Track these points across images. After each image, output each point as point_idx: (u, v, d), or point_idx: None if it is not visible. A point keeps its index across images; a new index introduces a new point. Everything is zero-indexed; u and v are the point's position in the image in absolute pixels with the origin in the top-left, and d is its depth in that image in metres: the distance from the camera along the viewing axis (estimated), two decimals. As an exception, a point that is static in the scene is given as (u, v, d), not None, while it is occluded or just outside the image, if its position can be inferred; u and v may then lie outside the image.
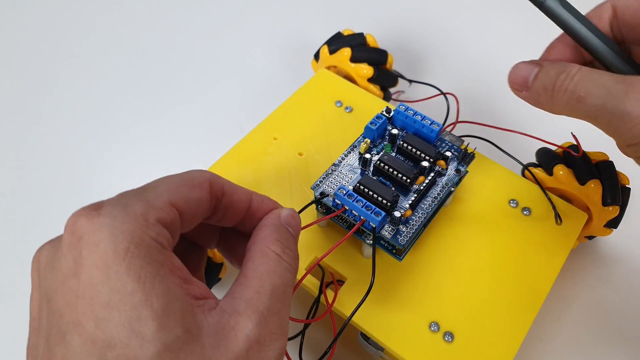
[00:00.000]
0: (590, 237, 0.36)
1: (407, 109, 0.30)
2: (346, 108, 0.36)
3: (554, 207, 0.31)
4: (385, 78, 0.40)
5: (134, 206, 0.18)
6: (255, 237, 0.22)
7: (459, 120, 0.37)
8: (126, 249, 0.17)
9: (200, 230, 0.24)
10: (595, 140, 0.30)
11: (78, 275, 0.17)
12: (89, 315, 0.16)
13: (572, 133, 0.32)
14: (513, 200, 0.32)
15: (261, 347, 0.18)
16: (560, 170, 0.32)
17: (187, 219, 0.20)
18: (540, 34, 0.52)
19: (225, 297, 0.19)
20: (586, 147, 0.33)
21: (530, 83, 0.25)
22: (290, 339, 0.25)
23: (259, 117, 0.36)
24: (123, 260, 0.17)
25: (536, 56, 0.28)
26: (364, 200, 0.26)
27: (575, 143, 0.32)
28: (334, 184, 0.29)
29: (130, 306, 0.16)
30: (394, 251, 0.28)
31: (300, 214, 0.24)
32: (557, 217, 0.31)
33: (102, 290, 0.16)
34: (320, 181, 0.29)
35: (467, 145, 0.30)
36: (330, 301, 0.27)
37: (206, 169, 0.22)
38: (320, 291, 0.28)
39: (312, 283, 0.28)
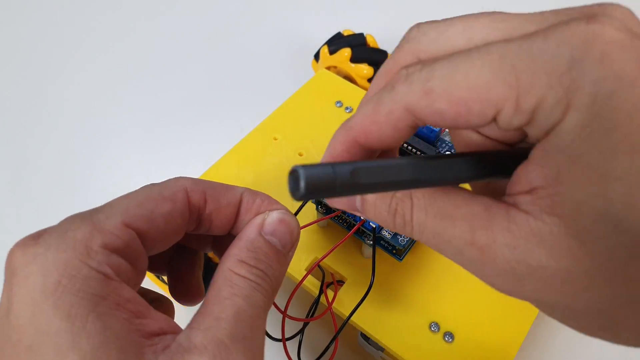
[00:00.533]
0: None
1: (407, 109, 0.30)
2: (346, 108, 0.36)
3: None
4: (385, 78, 0.40)
5: (76, 231, 0.16)
6: (225, 254, 0.19)
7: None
8: (57, 282, 0.15)
9: (190, 237, 0.22)
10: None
11: (8, 315, 0.15)
12: None
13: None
14: (513, 200, 0.32)
15: None
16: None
17: (155, 238, 0.18)
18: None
19: (185, 328, 0.17)
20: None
21: (360, 210, 0.18)
22: (288, 338, 0.25)
23: (259, 117, 0.36)
24: (52, 295, 0.15)
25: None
26: (364, 201, 0.26)
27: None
28: (334, 184, 0.29)
29: (54, 348, 0.14)
30: (394, 251, 0.28)
31: (299, 214, 0.24)
32: None
33: (28, 331, 0.15)
34: (321, 181, 0.29)
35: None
36: (330, 300, 0.27)
37: (185, 176, 0.20)
38: (321, 291, 0.28)
39: (312, 284, 0.28)
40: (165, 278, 0.29)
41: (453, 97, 0.14)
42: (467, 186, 0.18)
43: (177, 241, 0.19)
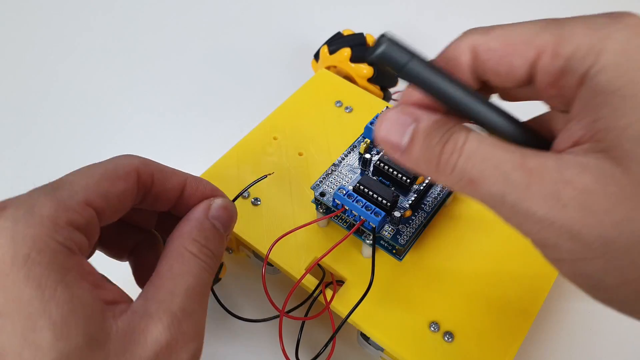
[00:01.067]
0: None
1: (407, 109, 0.30)
2: (346, 108, 0.36)
3: None
4: (385, 78, 0.40)
5: (42, 208, 0.17)
6: (175, 232, 0.21)
7: (459, 120, 0.37)
8: (27, 255, 0.16)
9: (134, 214, 0.23)
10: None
11: None
12: None
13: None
14: (513, 200, 0.32)
15: (172, 350, 0.17)
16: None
17: (108, 214, 0.19)
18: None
19: (137, 298, 0.18)
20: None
21: (403, 147, 0.18)
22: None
23: (259, 117, 0.36)
24: (22, 266, 0.16)
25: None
26: (364, 201, 0.26)
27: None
28: (334, 184, 0.29)
29: (25, 315, 0.15)
30: (394, 251, 0.28)
31: (299, 214, 0.24)
32: None
33: None
34: (320, 181, 0.29)
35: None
36: (339, 304, 0.27)
37: (135, 154, 0.22)
38: (319, 290, 0.27)
39: (312, 283, 0.28)
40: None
41: (504, 37, 0.18)
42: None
43: (122, 214, 0.21)
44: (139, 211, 0.23)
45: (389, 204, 0.27)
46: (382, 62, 0.17)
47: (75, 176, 0.19)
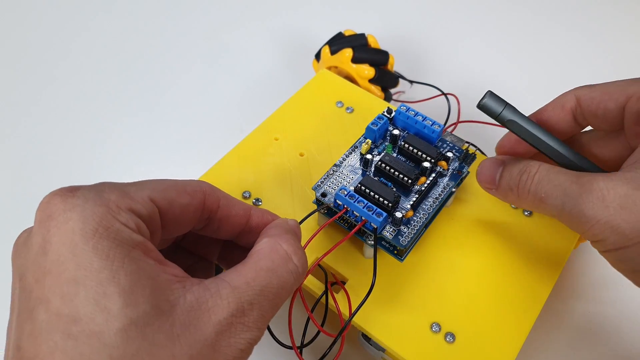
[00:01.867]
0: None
1: (408, 109, 0.30)
2: (347, 109, 0.36)
3: None
4: (386, 79, 0.40)
5: (109, 194, 0.18)
6: (266, 232, 0.22)
7: (460, 120, 0.37)
8: (94, 229, 0.17)
9: (199, 242, 0.24)
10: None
11: (46, 252, 0.17)
12: (55, 291, 0.16)
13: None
14: (514, 201, 0.32)
15: (231, 334, 0.18)
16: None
17: (171, 220, 0.20)
18: (541, 34, 0.52)
19: (215, 277, 0.19)
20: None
21: (496, 183, 0.27)
22: (305, 345, 0.25)
23: (260, 117, 0.36)
24: (91, 239, 0.17)
25: (535, 56, 0.28)
26: (365, 201, 0.26)
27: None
28: (335, 185, 0.29)
29: (97, 282, 0.16)
30: (395, 252, 0.28)
31: (300, 214, 0.24)
32: None
33: (69, 266, 0.16)
34: (322, 182, 0.29)
35: (469, 146, 0.30)
36: (340, 305, 0.27)
37: (204, 181, 0.23)
38: (326, 289, 0.27)
39: (312, 284, 0.28)
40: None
41: (603, 88, 0.25)
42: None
43: (185, 231, 0.22)
44: (203, 239, 0.24)
45: (390, 204, 0.27)
46: (483, 110, 0.25)
47: (146, 180, 0.21)
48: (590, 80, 0.27)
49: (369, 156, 0.29)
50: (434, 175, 0.29)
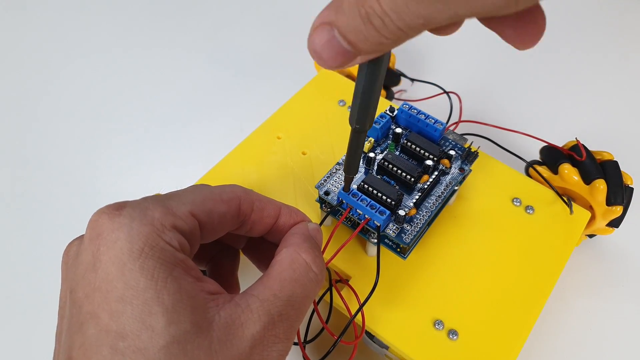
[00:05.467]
0: (591, 236, 0.36)
1: (410, 107, 0.31)
2: (349, 107, 0.36)
3: (562, 198, 0.31)
4: (388, 77, 0.40)
5: (154, 211, 0.19)
6: (286, 241, 0.22)
7: (462, 119, 0.37)
8: (141, 249, 0.18)
9: (229, 235, 0.25)
10: (601, 140, 0.30)
11: (96, 270, 0.18)
12: (104, 307, 0.17)
13: (576, 138, 0.32)
14: (516, 198, 0.32)
15: (264, 347, 0.19)
16: (565, 169, 0.32)
17: (209, 230, 0.21)
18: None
19: (243, 292, 0.20)
20: (591, 146, 0.33)
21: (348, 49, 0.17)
22: (309, 341, 0.25)
23: (261, 117, 0.36)
24: (138, 259, 0.18)
25: (538, 54, 0.28)
26: (369, 199, 0.26)
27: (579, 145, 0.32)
28: (338, 183, 0.29)
29: (143, 301, 0.17)
30: (398, 249, 0.28)
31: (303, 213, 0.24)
32: (570, 207, 0.31)
33: (117, 285, 0.17)
34: (324, 180, 0.29)
35: (471, 144, 0.30)
36: (349, 305, 0.27)
37: (238, 185, 0.24)
38: (331, 286, 0.28)
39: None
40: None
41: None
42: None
43: (220, 236, 0.23)
44: (233, 235, 0.25)
45: (393, 202, 0.27)
46: None
47: (185, 192, 0.21)
48: (591, 79, 0.27)
49: (371, 154, 0.29)
50: (436, 173, 0.29)
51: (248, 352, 0.18)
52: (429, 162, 0.29)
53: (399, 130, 0.30)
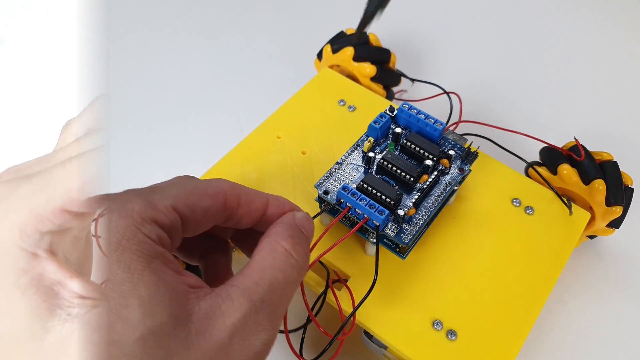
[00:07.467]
0: (592, 237, 0.36)
1: (410, 107, 0.31)
2: (349, 107, 0.36)
3: (561, 198, 0.31)
4: (388, 77, 0.40)
5: (134, 204, 0.19)
6: (268, 232, 0.22)
7: (462, 119, 0.37)
8: (118, 242, 0.18)
9: (216, 227, 0.25)
10: (600, 140, 0.30)
11: None
12: None
13: (575, 137, 0.32)
14: (516, 199, 0.32)
15: (246, 336, 0.19)
16: (564, 169, 0.32)
17: (192, 224, 0.21)
18: (542, 33, 0.52)
19: (224, 284, 0.20)
20: (591, 147, 0.33)
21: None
22: (291, 331, 0.25)
23: (261, 117, 0.36)
24: (114, 252, 0.18)
25: (539, 54, 0.28)
26: (368, 199, 0.26)
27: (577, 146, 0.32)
28: (338, 183, 0.29)
29: (119, 294, 0.17)
30: (397, 249, 0.28)
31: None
32: (569, 207, 0.31)
33: None
34: (324, 179, 0.29)
35: (471, 144, 0.30)
36: (342, 303, 0.27)
37: (225, 179, 0.23)
38: (327, 287, 0.28)
39: (314, 280, 0.28)
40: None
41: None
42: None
43: (205, 230, 0.22)
44: (221, 227, 0.25)
45: (392, 202, 0.27)
46: None
47: (169, 184, 0.21)
48: (590, 80, 0.27)
49: (371, 154, 0.29)
50: (436, 173, 0.29)
51: (227, 342, 0.18)
52: (429, 162, 0.29)
53: (398, 130, 0.30)
